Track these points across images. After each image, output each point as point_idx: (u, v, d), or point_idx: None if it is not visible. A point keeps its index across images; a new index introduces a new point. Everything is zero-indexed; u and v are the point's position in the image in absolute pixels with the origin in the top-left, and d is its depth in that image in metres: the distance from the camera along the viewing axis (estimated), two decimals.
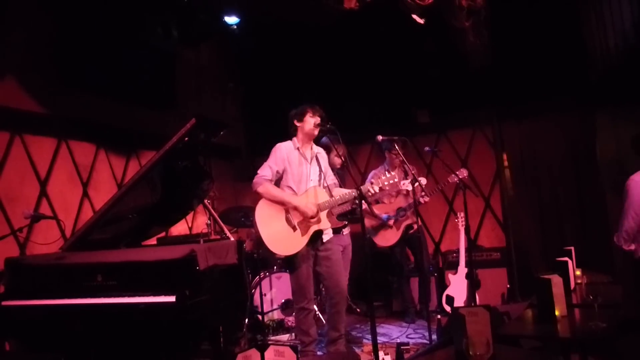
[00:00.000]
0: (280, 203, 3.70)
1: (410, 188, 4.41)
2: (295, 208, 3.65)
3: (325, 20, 5.31)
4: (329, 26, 5.61)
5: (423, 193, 4.96)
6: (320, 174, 3.88)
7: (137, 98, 5.44)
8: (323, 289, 4.79)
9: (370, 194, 3.62)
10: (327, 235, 3.81)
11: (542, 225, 5.75)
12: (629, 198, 3.75)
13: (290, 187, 3.78)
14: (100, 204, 3.61)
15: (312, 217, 3.64)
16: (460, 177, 4.71)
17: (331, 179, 4.01)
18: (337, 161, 4.54)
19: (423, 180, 4.72)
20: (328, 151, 4.30)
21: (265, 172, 3.77)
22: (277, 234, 3.66)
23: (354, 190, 3.49)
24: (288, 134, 3.93)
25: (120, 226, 3.56)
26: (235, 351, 3.04)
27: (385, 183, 3.63)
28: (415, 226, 5.08)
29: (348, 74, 6.28)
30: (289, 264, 3.78)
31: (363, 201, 3.46)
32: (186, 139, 3.21)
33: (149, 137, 5.32)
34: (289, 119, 3.90)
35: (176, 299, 2.72)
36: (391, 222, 5.10)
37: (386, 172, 3.70)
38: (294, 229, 3.67)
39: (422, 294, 5.07)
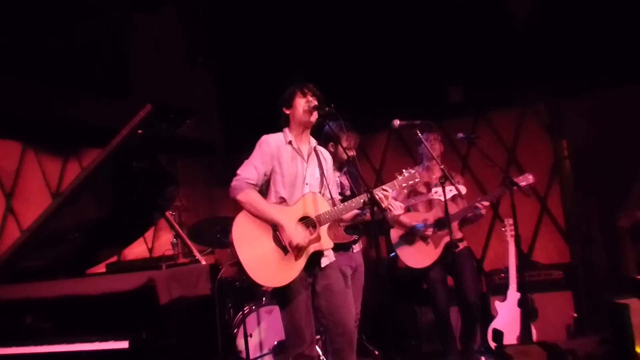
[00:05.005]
0: (264, 219, 3.62)
1: (442, 198, 4.34)
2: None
3: None
4: None
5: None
6: (321, 179, 3.83)
7: (78, 82, 5.45)
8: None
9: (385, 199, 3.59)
10: (327, 259, 3.72)
11: (618, 234, 5.71)
12: None
13: (280, 194, 3.72)
14: (30, 220, 3.60)
15: (298, 250, 3.56)
16: (525, 183, 4.63)
17: (335, 190, 3.96)
18: (344, 155, 4.50)
19: (462, 189, 4.72)
20: (335, 142, 4.28)
21: (249, 173, 3.69)
22: (263, 259, 3.55)
23: (363, 195, 3.46)
24: (278, 125, 3.89)
25: (58, 249, 3.55)
26: None
27: (403, 184, 3.61)
28: (462, 245, 5.00)
29: (356, 43, 6.27)
30: (280, 297, 3.69)
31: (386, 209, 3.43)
32: (140, 131, 3.20)
33: (94, 131, 5.28)
34: (278, 108, 3.87)
35: (130, 344, 2.72)
36: (429, 231, 4.99)
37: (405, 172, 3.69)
38: (285, 251, 3.59)
39: (465, 330, 5.01)
